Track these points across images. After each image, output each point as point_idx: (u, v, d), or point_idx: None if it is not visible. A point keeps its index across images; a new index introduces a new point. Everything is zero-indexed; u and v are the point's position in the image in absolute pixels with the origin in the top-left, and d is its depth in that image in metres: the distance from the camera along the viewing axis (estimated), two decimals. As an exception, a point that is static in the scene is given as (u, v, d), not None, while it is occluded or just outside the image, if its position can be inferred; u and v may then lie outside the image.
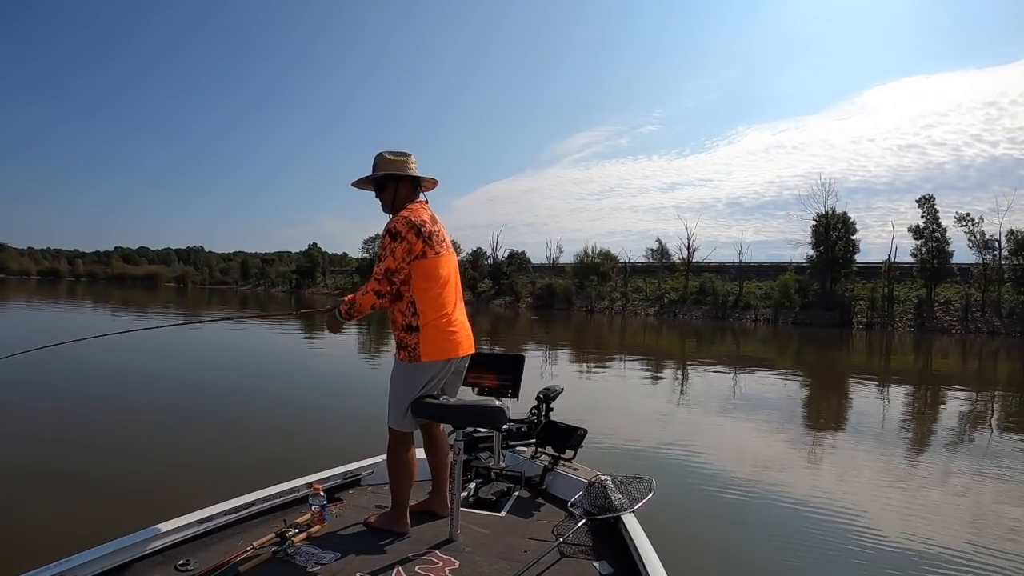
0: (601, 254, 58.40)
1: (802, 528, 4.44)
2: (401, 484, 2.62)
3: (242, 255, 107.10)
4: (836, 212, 46.98)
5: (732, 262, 53.44)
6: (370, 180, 2.73)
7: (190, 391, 8.56)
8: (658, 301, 52.14)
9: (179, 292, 65.60)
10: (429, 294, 2.58)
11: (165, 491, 4.31)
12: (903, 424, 9.12)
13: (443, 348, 2.61)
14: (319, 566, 2.24)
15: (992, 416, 10.42)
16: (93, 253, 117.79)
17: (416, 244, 2.54)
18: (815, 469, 6.38)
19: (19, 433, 5.74)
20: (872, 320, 42.34)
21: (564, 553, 2.45)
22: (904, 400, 11.80)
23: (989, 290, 41.22)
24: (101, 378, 9.02)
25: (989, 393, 13.31)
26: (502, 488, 3.12)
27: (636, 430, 7.48)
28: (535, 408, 3.61)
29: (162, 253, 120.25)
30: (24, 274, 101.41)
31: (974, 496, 5.51)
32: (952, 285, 43.19)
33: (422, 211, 2.65)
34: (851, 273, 45.92)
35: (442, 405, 2.57)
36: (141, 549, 2.20)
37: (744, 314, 46.69)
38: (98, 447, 5.69)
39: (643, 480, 2.85)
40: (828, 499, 5.12)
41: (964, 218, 43.66)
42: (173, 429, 6.38)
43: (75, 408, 6.74)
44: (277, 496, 2.75)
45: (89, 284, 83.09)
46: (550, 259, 64.66)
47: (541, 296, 55.97)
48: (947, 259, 43.28)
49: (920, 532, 4.41)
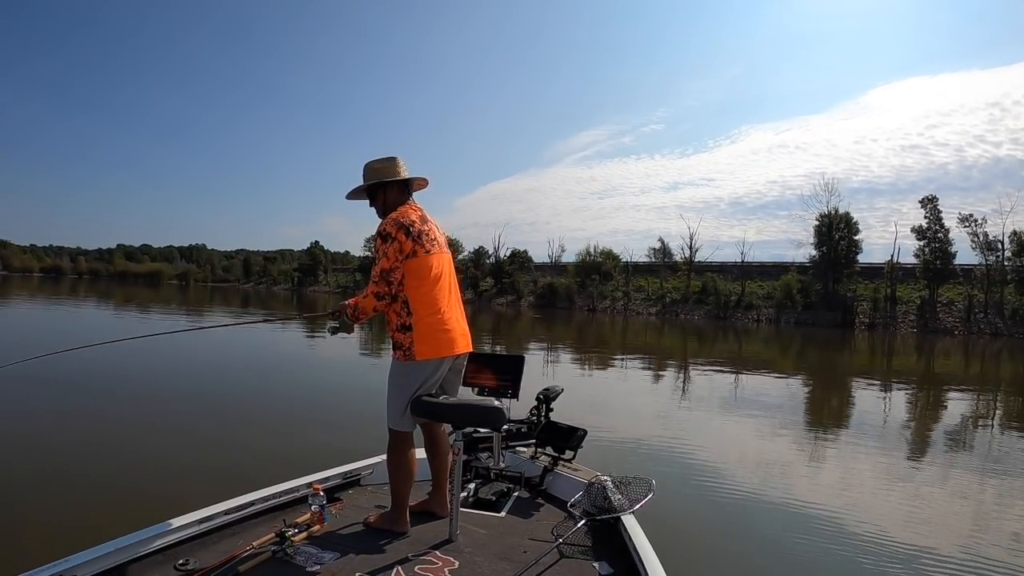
0: (603, 253, 58.37)
1: (803, 529, 4.42)
2: (401, 484, 2.63)
3: (244, 253, 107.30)
4: (839, 212, 46.90)
5: (734, 262, 53.38)
6: (360, 191, 2.83)
7: (190, 391, 8.55)
8: (660, 301, 52.09)
9: (181, 290, 65.71)
10: (421, 292, 2.62)
11: (165, 491, 4.30)
12: (904, 425, 9.10)
13: (437, 346, 2.63)
14: (318, 566, 2.24)
15: (994, 418, 10.40)
16: (96, 251, 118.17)
17: (406, 243, 2.59)
18: (816, 470, 6.37)
19: (19, 433, 5.74)
20: (874, 321, 42.24)
21: (564, 554, 2.45)
22: (906, 401, 11.77)
23: (992, 291, 41.12)
24: (99, 378, 9.02)
25: (991, 394, 13.28)
26: (502, 488, 3.12)
27: (636, 430, 7.47)
28: (535, 408, 3.61)
29: (165, 251, 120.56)
30: (26, 271, 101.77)
31: (976, 497, 5.50)
32: (955, 286, 43.06)
33: (410, 211, 2.71)
34: (853, 273, 45.82)
35: (441, 404, 2.58)
36: (141, 549, 2.20)
37: (746, 314, 46.61)
38: (97, 447, 5.68)
39: (643, 481, 2.85)
40: (828, 499, 5.11)
41: (967, 219, 43.54)
42: (172, 429, 6.37)
43: (74, 408, 6.73)
44: (277, 496, 2.75)
45: (91, 282, 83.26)
46: (552, 258, 64.63)
47: (543, 295, 55.93)
48: (950, 260, 43.12)
49: (922, 533, 4.40)
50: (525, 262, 62.70)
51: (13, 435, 5.67)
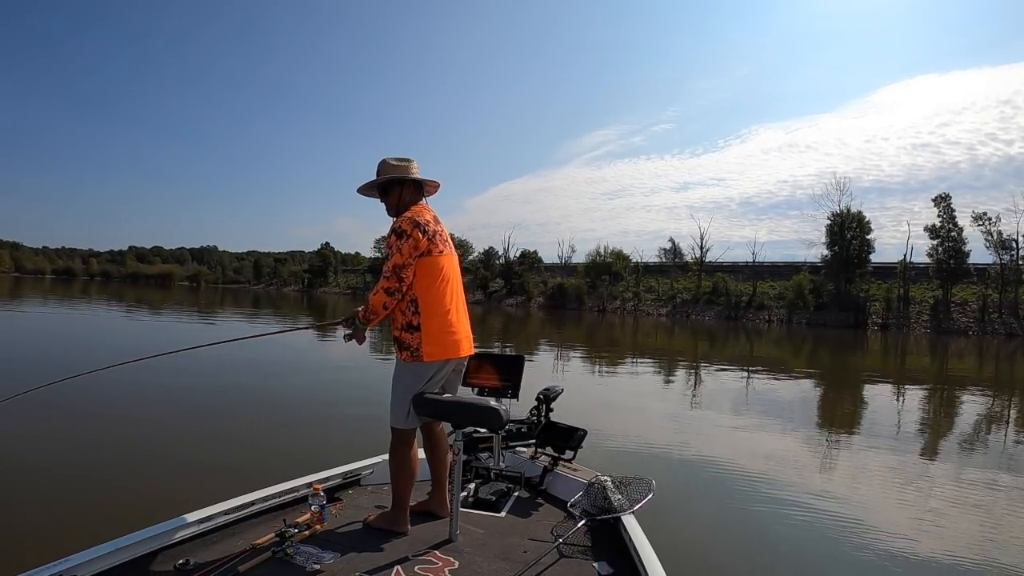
0: (613, 254, 58.35)
1: (804, 529, 4.38)
2: (402, 483, 2.64)
3: (255, 254, 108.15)
4: (851, 211, 46.59)
5: (745, 262, 53.21)
6: (375, 185, 2.82)
7: (189, 390, 8.53)
8: (671, 301, 51.97)
9: (192, 291, 66.19)
10: (431, 292, 2.64)
11: (165, 491, 4.30)
12: (915, 427, 8.98)
13: (445, 347, 2.65)
14: (318, 566, 2.25)
15: (1009, 420, 10.27)
16: (107, 252, 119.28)
17: (421, 241, 2.61)
18: (820, 470, 6.31)
19: (18, 433, 5.75)
20: (887, 321, 41.92)
21: (563, 553, 2.45)
22: (918, 403, 11.64)
23: (1006, 291, 40.71)
24: (99, 378, 9.03)
25: (1006, 396, 13.12)
26: (502, 488, 3.12)
27: (638, 431, 7.43)
28: (535, 408, 3.60)
29: (176, 252, 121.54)
30: (39, 273, 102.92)
31: (989, 501, 5.41)
32: (968, 286, 42.66)
33: (425, 212, 2.74)
34: (866, 273, 45.49)
35: (443, 402, 2.59)
36: (141, 548, 2.21)
37: (757, 314, 46.40)
38: (98, 446, 5.68)
39: (643, 481, 2.85)
40: (833, 500, 5.05)
41: (981, 217, 43.16)
42: (173, 429, 6.38)
43: (73, 407, 6.75)
44: (277, 496, 2.76)
45: (103, 283, 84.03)
46: (562, 259, 64.74)
47: (553, 296, 55.98)
48: (963, 259, 42.71)
49: (931, 536, 4.34)
50: (535, 263, 62.79)
51: (13, 435, 5.68)
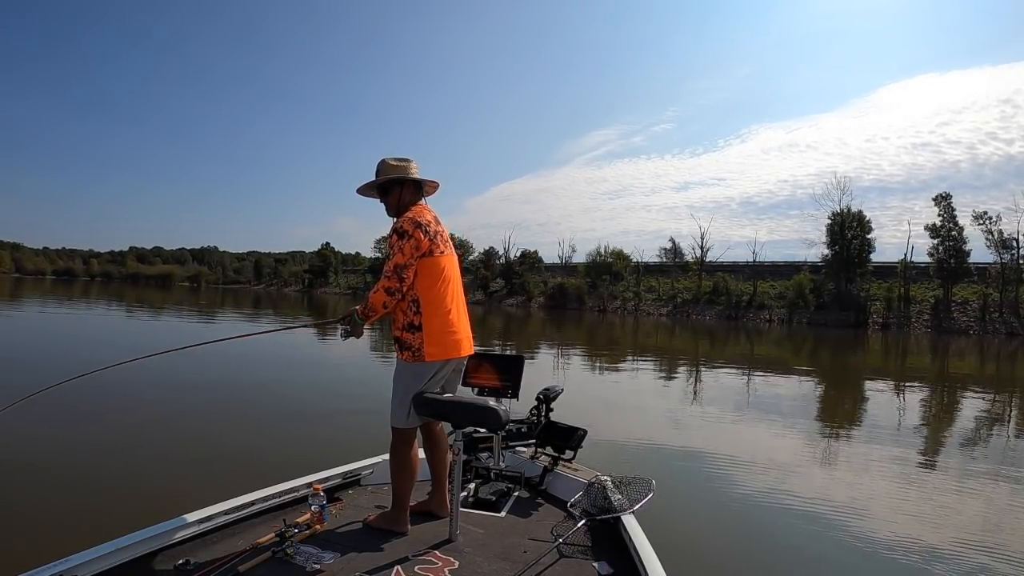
0: (614, 254, 58.37)
1: (805, 529, 4.38)
2: (403, 483, 2.64)
3: (255, 255, 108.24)
4: (851, 211, 46.57)
5: (746, 261, 53.19)
6: (375, 186, 2.82)
7: (189, 390, 8.53)
8: (671, 301, 51.95)
9: (192, 292, 66.18)
10: (432, 292, 2.64)
11: (165, 491, 4.30)
12: (918, 427, 8.98)
13: (446, 347, 2.65)
14: (318, 566, 2.25)
15: (1010, 419, 10.26)
16: (108, 253, 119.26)
17: (423, 241, 2.61)
18: (821, 470, 6.30)
19: (18, 433, 5.74)
20: (888, 321, 41.90)
21: (563, 553, 2.45)
22: (919, 402, 11.63)
23: (1007, 290, 40.68)
24: (98, 378, 9.03)
25: (1007, 395, 13.11)
26: (502, 488, 3.12)
27: (637, 430, 7.43)
28: (535, 408, 3.60)
29: (176, 253, 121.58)
30: (39, 273, 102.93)
31: (989, 499, 5.41)
32: (969, 285, 42.62)
33: (426, 212, 2.75)
34: (866, 273, 45.48)
35: (444, 401, 2.59)
36: (141, 549, 2.21)
37: (758, 314, 46.38)
38: (98, 446, 5.68)
39: (643, 481, 2.85)
40: (832, 500, 5.04)
41: (982, 216, 43.14)
42: (173, 429, 6.37)
43: (73, 407, 6.74)
44: (277, 496, 2.76)
45: (104, 284, 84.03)
46: (563, 259, 64.72)
47: (553, 296, 55.97)
48: (964, 258, 42.68)
49: (931, 535, 4.33)
50: (535, 263, 62.78)
51: (13, 435, 5.67)
